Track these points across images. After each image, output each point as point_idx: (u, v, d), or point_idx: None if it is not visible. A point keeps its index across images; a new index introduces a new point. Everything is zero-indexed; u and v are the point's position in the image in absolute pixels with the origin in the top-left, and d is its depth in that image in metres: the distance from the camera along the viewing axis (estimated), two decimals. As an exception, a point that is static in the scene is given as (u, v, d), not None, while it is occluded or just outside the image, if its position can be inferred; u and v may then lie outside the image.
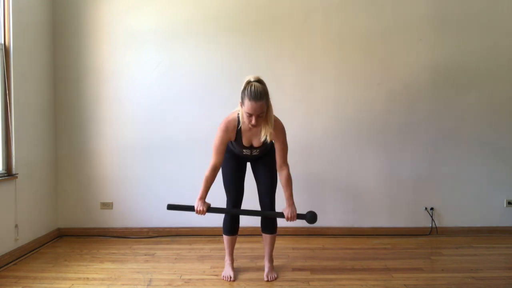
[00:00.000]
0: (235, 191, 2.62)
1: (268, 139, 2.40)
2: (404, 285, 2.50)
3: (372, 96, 3.62)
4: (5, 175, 2.97)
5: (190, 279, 2.61)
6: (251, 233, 3.35)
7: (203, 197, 2.46)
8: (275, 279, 2.60)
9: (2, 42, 2.98)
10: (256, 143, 2.48)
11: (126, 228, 3.65)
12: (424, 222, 3.66)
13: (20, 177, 3.07)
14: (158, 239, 3.56)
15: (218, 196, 2.65)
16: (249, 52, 3.59)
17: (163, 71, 3.61)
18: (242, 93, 2.28)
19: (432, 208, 3.66)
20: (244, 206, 2.67)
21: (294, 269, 2.80)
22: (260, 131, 2.38)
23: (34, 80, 3.30)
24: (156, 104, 3.61)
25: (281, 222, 2.77)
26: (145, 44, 3.59)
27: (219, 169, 2.52)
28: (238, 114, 2.42)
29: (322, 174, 3.62)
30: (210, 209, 2.47)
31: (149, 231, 3.64)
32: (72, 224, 3.66)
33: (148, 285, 2.52)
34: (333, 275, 2.68)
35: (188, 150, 3.61)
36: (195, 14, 3.58)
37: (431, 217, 3.65)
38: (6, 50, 2.99)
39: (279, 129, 2.44)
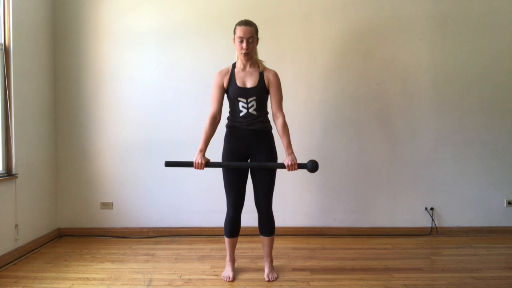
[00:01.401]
0: (236, 193, 2.57)
1: (266, 82, 2.54)
2: (404, 285, 2.50)
3: (372, 96, 3.62)
4: (5, 175, 2.97)
5: (190, 279, 2.61)
6: (251, 233, 3.35)
7: (202, 150, 2.49)
8: (275, 279, 2.60)
9: (2, 42, 2.98)
10: (250, 83, 2.53)
11: (126, 228, 3.65)
12: (424, 222, 3.66)
13: (20, 177, 3.07)
14: (158, 239, 3.56)
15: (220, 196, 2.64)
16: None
17: (163, 71, 3.61)
18: (234, 28, 2.56)
19: (432, 208, 3.66)
20: (246, 205, 2.65)
21: (294, 269, 2.80)
22: (254, 70, 2.55)
23: (34, 80, 3.31)
24: (156, 104, 3.61)
25: (280, 222, 2.77)
26: (145, 44, 3.59)
27: (218, 119, 2.57)
28: (233, 62, 2.60)
29: (322, 174, 3.61)
30: (209, 164, 2.46)
31: (149, 231, 3.65)
32: (72, 224, 3.66)
33: (148, 285, 2.52)
34: (333, 275, 2.68)
35: (188, 150, 3.59)
36: (195, 14, 3.59)
37: (431, 217, 3.65)
38: (6, 50, 2.99)
39: (273, 72, 2.59)
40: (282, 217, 3.50)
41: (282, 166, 2.47)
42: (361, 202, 3.66)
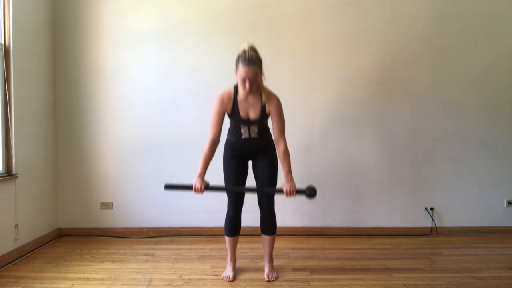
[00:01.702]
0: (236, 193, 2.60)
1: (267, 109, 2.45)
2: (404, 285, 2.50)
3: (372, 96, 3.62)
4: (5, 175, 2.97)
5: (190, 279, 2.61)
6: (251, 233, 3.34)
7: (201, 175, 2.44)
8: (275, 279, 2.60)
9: (2, 42, 2.98)
10: (252, 115, 2.48)
11: (126, 228, 3.65)
12: (424, 222, 3.66)
13: (20, 177, 3.07)
14: (158, 239, 3.56)
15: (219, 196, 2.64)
16: (249, 52, 3.59)
17: (163, 71, 3.61)
18: (236, 60, 2.39)
19: (432, 208, 3.66)
20: (246, 205, 2.67)
21: (294, 269, 2.80)
22: (256, 101, 2.45)
23: (34, 80, 3.30)
24: (156, 104, 3.61)
25: (280, 222, 2.77)
26: (145, 44, 3.59)
27: (217, 144, 2.52)
28: (235, 85, 2.48)
29: (322, 174, 3.62)
30: (208, 188, 2.44)
31: (149, 231, 3.65)
32: (72, 224, 3.66)
33: (148, 285, 2.52)
34: (333, 275, 2.68)
35: (188, 150, 3.61)
36: (195, 14, 3.59)
37: (431, 217, 3.65)
38: (6, 50, 2.99)
39: (275, 101, 2.47)
40: (283, 217, 3.49)
41: (280, 191, 2.45)
42: (361, 202, 3.66)
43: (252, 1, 3.58)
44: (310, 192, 2.41)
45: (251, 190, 2.57)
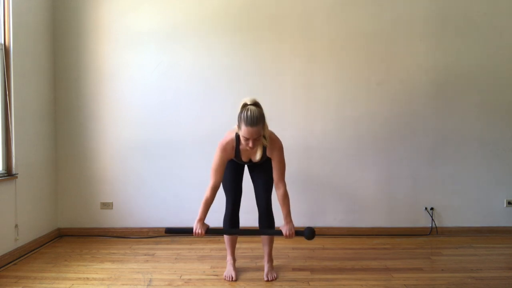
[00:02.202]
0: (234, 190, 2.64)
1: (268, 154, 2.47)
2: (404, 285, 2.50)
3: (372, 96, 3.61)
4: (5, 175, 2.97)
5: (190, 279, 2.61)
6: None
7: (201, 219, 2.44)
8: (275, 279, 2.60)
9: (2, 42, 2.98)
10: (254, 159, 2.52)
11: (126, 228, 3.65)
12: (424, 222, 3.66)
13: (20, 177, 3.07)
14: (158, 239, 3.56)
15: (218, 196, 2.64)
16: (249, 52, 3.59)
17: (163, 71, 3.61)
18: (238, 117, 2.31)
19: (432, 208, 3.66)
20: (245, 205, 2.69)
21: (294, 269, 2.80)
22: (257, 150, 2.43)
23: (34, 80, 3.30)
24: (156, 104, 3.61)
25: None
26: (145, 44, 3.59)
27: (218, 189, 2.50)
28: (237, 134, 2.43)
29: (322, 174, 3.62)
30: (208, 231, 2.46)
31: (149, 231, 3.64)
32: (72, 224, 3.66)
33: (148, 285, 2.52)
34: (333, 275, 2.68)
35: (188, 150, 3.61)
36: (195, 14, 3.58)
37: (431, 217, 3.65)
38: (6, 50, 2.99)
39: (277, 147, 2.47)
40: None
41: (279, 233, 2.46)
42: (361, 202, 3.66)
43: (252, 1, 3.58)
44: (309, 234, 2.43)
45: (251, 233, 2.60)
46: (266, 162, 2.58)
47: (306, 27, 3.59)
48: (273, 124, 2.62)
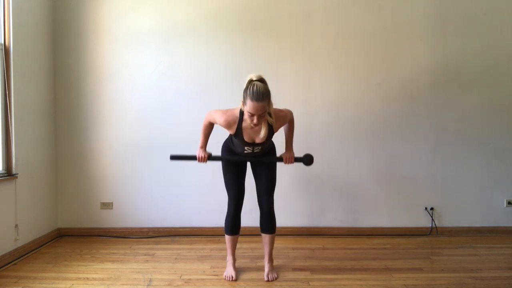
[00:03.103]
0: (236, 191, 2.62)
1: (274, 129, 2.47)
2: (404, 285, 2.50)
3: (372, 96, 3.62)
4: (5, 175, 2.97)
5: (190, 279, 2.61)
6: (251, 233, 3.34)
7: (203, 146, 2.59)
8: (275, 279, 2.60)
9: (2, 42, 2.98)
10: (258, 139, 2.47)
11: (126, 228, 3.65)
12: (424, 222, 3.66)
13: (20, 177, 3.07)
14: (158, 239, 3.56)
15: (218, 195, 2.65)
16: (249, 52, 3.59)
17: (163, 71, 3.61)
18: (244, 92, 2.29)
19: (432, 208, 3.66)
20: (246, 205, 2.68)
21: (294, 269, 2.80)
22: (262, 128, 2.38)
23: (34, 80, 3.30)
24: (156, 104, 3.61)
25: (280, 222, 2.77)
26: (145, 44, 3.59)
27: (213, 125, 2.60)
28: (241, 110, 2.41)
29: (322, 174, 3.62)
30: (211, 157, 2.58)
31: (149, 231, 3.64)
32: (72, 224, 3.66)
33: (148, 285, 2.52)
34: (333, 275, 2.68)
35: (188, 150, 3.58)
36: (195, 14, 3.59)
37: (431, 217, 3.65)
38: (6, 50, 2.99)
39: (281, 117, 2.49)
40: (282, 217, 3.48)
41: (280, 159, 2.60)
42: (361, 202, 3.66)
43: (253, 1, 3.58)
44: (308, 160, 2.60)
45: (251, 160, 2.64)
46: (269, 155, 2.57)
47: (306, 27, 3.60)
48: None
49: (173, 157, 2.64)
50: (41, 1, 3.40)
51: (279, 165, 2.68)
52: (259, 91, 2.23)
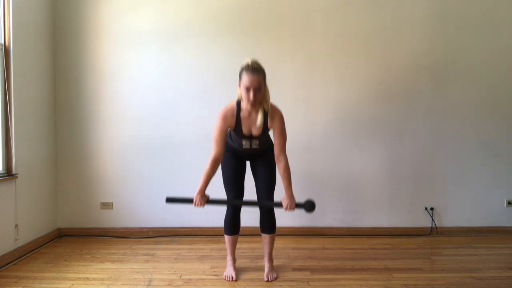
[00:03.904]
0: (235, 190, 2.61)
1: (269, 124, 2.45)
2: (404, 285, 2.50)
3: (372, 96, 3.61)
4: (5, 175, 2.97)
5: (190, 279, 2.61)
6: (251, 233, 3.33)
7: (202, 191, 2.47)
8: (275, 279, 2.60)
9: (2, 42, 2.98)
10: (255, 131, 2.48)
11: (126, 228, 3.65)
12: (424, 222, 3.66)
13: (20, 177, 3.07)
14: (158, 239, 3.56)
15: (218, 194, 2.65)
16: (249, 52, 3.56)
17: (163, 71, 3.61)
18: (240, 72, 2.37)
19: (432, 208, 3.66)
20: (246, 208, 2.68)
21: (294, 269, 2.80)
22: (258, 118, 2.42)
23: (34, 80, 3.30)
24: (156, 104, 3.61)
25: (280, 222, 2.77)
26: (145, 44, 3.59)
27: (220, 161, 2.50)
28: (238, 101, 2.45)
29: (322, 174, 3.62)
30: (209, 201, 2.49)
31: (149, 231, 3.64)
32: (72, 224, 3.66)
33: (148, 285, 2.52)
34: (333, 275, 2.68)
35: (188, 150, 3.61)
36: (195, 14, 3.58)
37: (431, 217, 3.65)
38: (6, 50, 2.99)
39: (278, 116, 2.46)
40: (282, 217, 3.47)
41: (280, 205, 2.48)
42: (361, 202, 3.66)
43: (252, 1, 3.58)
44: (309, 206, 2.44)
45: (251, 204, 2.61)
46: (269, 157, 2.56)
47: (306, 27, 3.59)
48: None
49: (169, 200, 2.53)
50: (41, 1, 3.40)
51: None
52: (254, 65, 2.34)
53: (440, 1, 3.58)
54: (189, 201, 2.48)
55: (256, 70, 2.32)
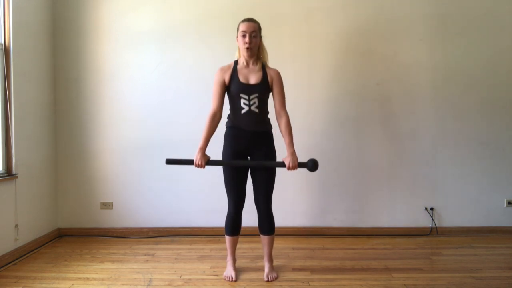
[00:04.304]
0: (236, 190, 2.58)
1: (269, 78, 2.53)
2: (404, 285, 2.50)
3: (372, 96, 3.61)
4: (5, 175, 2.97)
5: (190, 279, 2.61)
6: (251, 233, 3.34)
7: (202, 148, 2.47)
8: (275, 279, 2.60)
9: (2, 42, 2.98)
10: (253, 80, 2.52)
11: (126, 228, 3.65)
12: (424, 222, 3.66)
13: (20, 177, 3.07)
14: (158, 239, 3.56)
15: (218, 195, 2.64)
16: (249, 52, 3.59)
17: (163, 71, 3.61)
18: (237, 28, 2.57)
19: (432, 208, 3.66)
20: (246, 205, 2.66)
21: (294, 269, 2.80)
22: (258, 69, 2.53)
23: (34, 80, 3.31)
24: (156, 104, 3.61)
25: (280, 222, 2.77)
26: (145, 44, 3.59)
27: (219, 117, 2.54)
28: (235, 60, 2.61)
29: (322, 174, 3.61)
30: (209, 162, 2.47)
31: (149, 231, 3.64)
32: (72, 224, 3.66)
33: (148, 285, 2.52)
34: (333, 275, 2.68)
35: (188, 150, 3.56)
36: (195, 14, 3.59)
37: (431, 217, 3.65)
38: (6, 50, 2.99)
39: (276, 73, 2.58)
40: (282, 217, 3.49)
41: (282, 165, 2.47)
42: (361, 202, 3.66)
43: (252, 1, 3.58)
44: (312, 165, 2.43)
45: (252, 164, 2.55)
46: (268, 158, 2.55)
47: (306, 27, 3.59)
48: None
49: (169, 161, 2.50)
50: (41, 1, 3.40)
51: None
52: (250, 17, 2.55)
53: (440, 1, 3.58)
54: (189, 162, 2.46)
55: (252, 19, 2.53)
